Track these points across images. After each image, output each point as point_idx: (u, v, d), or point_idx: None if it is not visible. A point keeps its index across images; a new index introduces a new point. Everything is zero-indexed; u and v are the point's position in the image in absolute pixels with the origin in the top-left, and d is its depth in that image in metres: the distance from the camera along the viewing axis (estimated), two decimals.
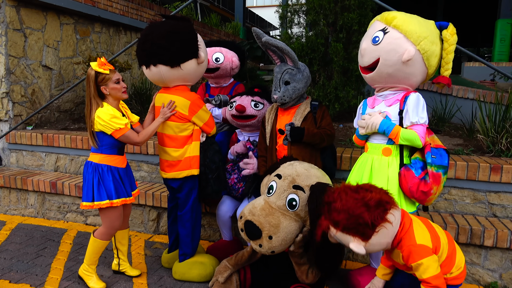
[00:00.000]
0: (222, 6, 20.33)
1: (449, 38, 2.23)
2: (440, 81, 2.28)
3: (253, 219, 2.27)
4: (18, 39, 4.45)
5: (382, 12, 2.42)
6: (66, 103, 5.19)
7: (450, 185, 2.98)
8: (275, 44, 2.53)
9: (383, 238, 1.84)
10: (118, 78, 2.47)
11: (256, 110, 2.94)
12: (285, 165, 2.42)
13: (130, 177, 2.69)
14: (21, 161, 4.41)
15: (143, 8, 6.64)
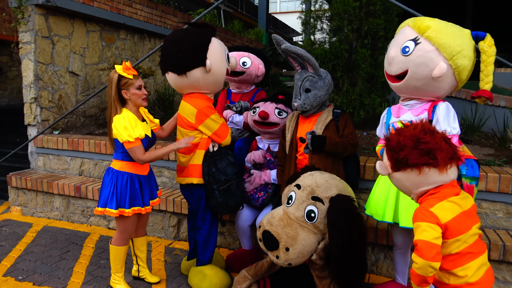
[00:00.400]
0: (246, 12, 20.44)
1: (487, 50, 2.09)
2: (481, 95, 2.12)
3: (271, 229, 2.22)
4: (46, 46, 4.57)
5: (409, 18, 2.32)
6: (91, 108, 5.30)
7: (480, 197, 2.84)
8: (294, 51, 2.49)
9: (406, 180, 1.69)
10: (140, 84, 2.47)
11: (280, 118, 2.89)
12: (305, 175, 2.36)
13: (151, 185, 2.68)
14: (48, 165, 4.52)
15: (167, 15, 6.73)
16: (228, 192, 2.62)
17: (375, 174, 3.03)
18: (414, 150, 1.61)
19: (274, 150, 2.99)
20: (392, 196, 2.31)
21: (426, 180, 1.65)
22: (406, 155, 1.61)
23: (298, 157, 2.68)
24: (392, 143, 1.67)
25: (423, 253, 1.58)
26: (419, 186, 1.69)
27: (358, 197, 3.16)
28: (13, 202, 4.42)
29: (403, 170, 1.65)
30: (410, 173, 1.65)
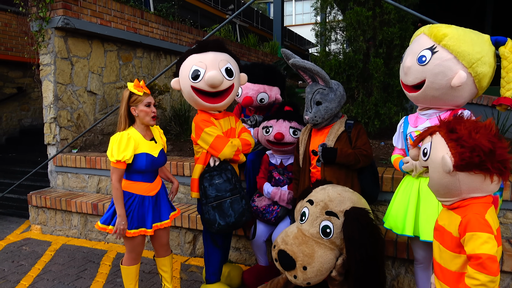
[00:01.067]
0: (261, 26, 20.65)
1: (508, 56, 2.00)
2: (503, 103, 2.03)
3: (286, 248, 2.16)
4: (66, 67, 4.70)
5: (425, 24, 2.25)
6: (109, 126, 5.39)
7: (506, 207, 2.71)
8: (303, 65, 2.46)
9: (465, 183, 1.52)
10: (149, 101, 2.46)
11: (294, 138, 2.85)
12: (317, 189, 2.30)
13: (160, 206, 2.59)
14: (67, 183, 4.60)
15: (182, 32, 6.85)
16: (219, 210, 2.54)
17: (394, 186, 2.93)
18: (491, 155, 1.48)
19: (286, 164, 2.95)
20: (412, 208, 2.22)
21: (486, 187, 1.54)
22: (484, 160, 1.47)
23: (312, 170, 2.63)
24: (466, 142, 1.49)
25: (488, 268, 1.43)
26: (474, 192, 1.56)
27: (376, 209, 3.07)
28: (33, 220, 4.50)
29: (469, 172, 1.51)
30: (474, 176, 1.52)
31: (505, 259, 2.46)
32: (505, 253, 2.47)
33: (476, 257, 1.44)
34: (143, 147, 2.44)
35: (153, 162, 2.48)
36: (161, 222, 2.57)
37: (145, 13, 5.89)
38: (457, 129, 1.53)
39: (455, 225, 1.56)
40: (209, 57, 2.57)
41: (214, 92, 2.59)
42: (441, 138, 1.56)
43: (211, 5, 17.42)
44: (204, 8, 16.96)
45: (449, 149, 1.52)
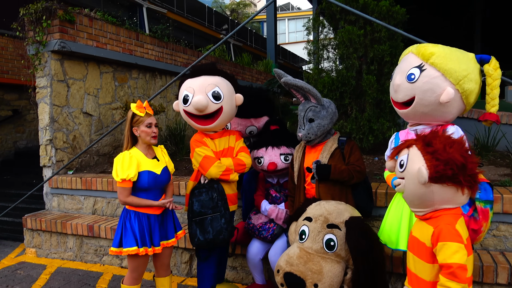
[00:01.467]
0: (255, 45, 20.95)
1: (492, 73, 2.08)
2: (488, 119, 2.10)
3: (292, 269, 2.12)
4: (62, 89, 4.75)
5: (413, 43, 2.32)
6: (104, 147, 5.41)
7: (498, 220, 2.74)
8: (294, 83, 2.52)
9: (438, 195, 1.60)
10: (150, 122, 2.54)
11: (286, 164, 2.89)
12: (311, 206, 2.33)
13: (167, 224, 2.63)
14: (62, 205, 4.59)
15: (177, 53, 6.95)
16: (200, 226, 2.63)
17: (387, 201, 2.96)
18: (463, 169, 1.56)
19: (282, 181, 3.00)
20: (405, 223, 2.25)
21: (457, 199, 1.63)
22: (457, 173, 1.56)
23: (306, 187, 2.66)
24: (441, 155, 1.58)
25: (459, 277, 1.51)
26: (446, 203, 1.64)
27: (371, 224, 3.09)
28: (28, 244, 4.46)
29: (443, 184, 1.59)
30: (447, 188, 1.60)
31: (499, 271, 2.48)
32: (499, 265, 2.49)
33: (448, 266, 1.52)
34: (145, 165, 2.51)
35: (156, 179, 2.53)
36: (168, 241, 2.61)
37: (140, 35, 5.99)
38: (433, 143, 1.61)
39: (428, 236, 1.63)
40: (198, 82, 2.72)
41: (204, 115, 2.72)
42: (418, 151, 1.64)
43: (205, 25, 17.69)
44: (198, 29, 17.22)
45: (425, 162, 1.60)
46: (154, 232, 2.53)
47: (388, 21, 4.37)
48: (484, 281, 2.54)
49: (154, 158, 2.60)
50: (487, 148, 4.36)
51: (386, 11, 4.38)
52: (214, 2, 35.40)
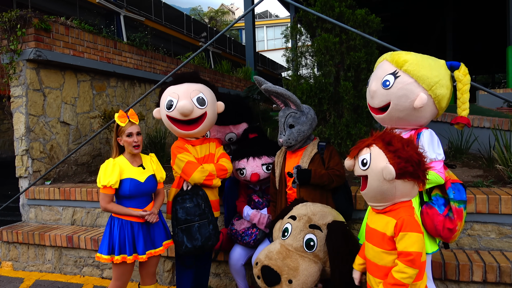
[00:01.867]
0: (234, 52, 21.05)
1: (462, 79, 2.18)
2: (460, 122, 2.20)
3: (270, 263, 2.18)
4: (38, 99, 4.67)
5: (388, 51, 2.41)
6: (83, 156, 5.33)
7: (472, 220, 2.85)
8: (275, 90, 2.57)
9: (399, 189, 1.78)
10: (130, 132, 2.53)
11: (268, 173, 2.92)
12: (297, 206, 2.39)
13: (154, 233, 2.60)
14: (40, 216, 4.48)
15: (156, 61, 6.93)
16: (187, 233, 2.63)
17: (366, 204, 3.03)
18: (420, 166, 1.75)
19: (264, 187, 3.03)
20: None
21: (413, 192, 1.82)
22: (410, 168, 1.73)
23: (288, 191, 2.70)
24: (402, 154, 1.74)
25: (417, 264, 1.70)
26: (404, 196, 1.82)
27: (351, 227, 3.15)
28: (4, 257, 4.33)
29: (404, 179, 1.75)
30: (407, 183, 1.77)
31: (475, 269, 2.58)
32: (474, 264, 2.59)
33: (408, 254, 1.71)
34: (128, 172, 2.52)
35: (138, 187, 2.52)
36: (155, 249, 2.59)
37: (118, 43, 5.95)
38: (393, 142, 1.77)
39: (391, 226, 1.79)
40: (182, 88, 2.77)
41: (188, 120, 2.73)
42: (380, 150, 1.79)
43: (184, 33, 17.68)
44: (177, 36, 17.19)
45: (388, 160, 1.74)
46: (138, 240, 2.50)
47: (364, 29, 4.50)
48: (460, 279, 2.63)
49: (140, 166, 2.59)
50: (461, 150, 4.51)
51: (362, 20, 4.51)
52: (193, 10, 35.38)
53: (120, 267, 2.49)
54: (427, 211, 2.16)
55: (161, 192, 2.72)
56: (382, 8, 12.86)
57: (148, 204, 2.60)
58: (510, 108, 7.25)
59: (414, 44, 17.95)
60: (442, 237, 2.16)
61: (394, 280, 1.72)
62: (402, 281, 1.70)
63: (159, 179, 2.69)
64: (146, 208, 2.56)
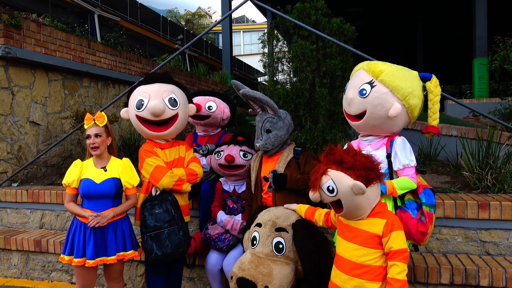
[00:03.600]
0: (211, 55, 20.99)
1: (434, 90, 2.29)
2: (430, 131, 2.32)
3: (244, 274, 2.20)
4: (6, 97, 4.50)
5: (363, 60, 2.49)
6: (53, 158, 5.17)
7: (440, 224, 2.95)
8: (253, 95, 2.60)
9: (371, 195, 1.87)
10: (88, 133, 2.52)
11: (245, 160, 2.94)
12: (261, 213, 2.44)
13: (107, 239, 2.48)
14: (5, 219, 4.30)
15: (131, 62, 6.83)
16: (156, 240, 2.54)
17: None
18: (371, 169, 1.85)
19: (239, 191, 3.02)
20: None
21: (378, 193, 1.94)
22: (371, 173, 1.84)
23: (263, 195, 2.72)
24: (358, 165, 1.84)
25: (407, 259, 1.83)
26: (377, 198, 1.94)
27: (325, 231, 3.20)
28: None
29: (370, 185, 1.85)
30: (374, 187, 1.88)
31: (443, 272, 2.67)
32: (442, 266, 2.68)
33: (403, 251, 1.83)
34: (87, 173, 2.51)
35: (92, 188, 2.46)
36: (107, 258, 2.48)
37: (92, 42, 5.83)
38: (344, 159, 1.85)
39: (380, 226, 1.88)
40: (154, 88, 2.70)
41: (159, 121, 2.67)
42: (338, 171, 1.86)
43: (160, 35, 17.50)
44: (153, 38, 16.99)
45: (350, 177, 1.82)
46: (88, 244, 2.42)
47: (339, 38, 4.60)
48: (429, 281, 2.71)
49: (102, 168, 2.54)
50: (430, 157, 4.68)
51: (337, 28, 4.61)
52: (169, 12, 35.06)
53: (76, 269, 2.48)
54: (401, 215, 2.23)
55: (131, 198, 2.62)
56: (355, 18, 13.19)
57: (108, 208, 2.50)
58: (476, 117, 7.57)
59: (385, 54, 18.51)
60: (414, 240, 2.24)
61: (400, 282, 1.80)
62: (405, 279, 1.81)
63: (125, 184, 2.56)
64: (105, 212, 2.47)
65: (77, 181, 2.48)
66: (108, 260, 2.47)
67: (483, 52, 8.95)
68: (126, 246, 2.56)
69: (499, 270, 2.59)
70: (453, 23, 14.59)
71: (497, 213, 2.82)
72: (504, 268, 2.61)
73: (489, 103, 8.51)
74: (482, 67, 9.27)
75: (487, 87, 9.63)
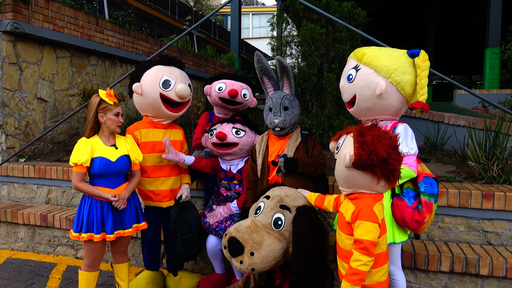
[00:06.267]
0: (219, 38, 20.80)
1: (421, 65, 2.26)
2: (416, 106, 2.28)
3: (237, 235, 2.26)
4: (14, 73, 4.51)
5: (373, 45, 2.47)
6: (60, 135, 5.20)
7: (443, 213, 2.96)
8: (286, 65, 2.58)
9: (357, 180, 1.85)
10: (118, 112, 2.55)
11: (238, 137, 2.85)
12: (274, 188, 2.46)
13: (123, 214, 2.56)
14: (13, 194, 4.37)
15: (139, 41, 6.79)
16: (189, 243, 2.82)
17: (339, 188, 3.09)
18: (384, 163, 1.77)
19: (234, 171, 2.94)
20: None
21: (373, 187, 1.88)
22: (375, 164, 1.77)
23: (270, 179, 2.71)
24: (367, 147, 1.78)
25: (370, 251, 1.79)
26: (363, 188, 1.89)
27: (328, 216, 3.22)
28: None
29: (362, 171, 1.82)
30: (365, 175, 1.83)
31: (443, 260, 2.69)
32: (443, 254, 2.70)
33: (360, 242, 1.81)
34: (100, 151, 2.49)
35: (108, 166, 2.48)
36: (124, 230, 2.56)
37: (100, 20, 5.79)
38: (365, 134, 1.83)
39: (350, 213, 1.90)
40: (178, 72, 2.90)
41: (177, 103, 2.87)
42: (351, 138, 1.87)
43: (168, 15, 17.33)
44: (161, 18, 16.84)
45: (353, 149, 1.82)
46: (107, 220, 2.48)
47: (349, 22, 4.54)
48: (429, 269, 2.74)
49: (113, 146, 2.56)
50: (436, 146, 4.65)
51: (348, 12, 4.54)
52: None
53: (88, 245, 2.50)
54: (397, 203, 2.24)
55: (137, 174, 2.68)
56: (367, 2, 12.94)
57: (121, 184, 2.56)
58: (485, 108, 7.49)
59: (397, 41, 18.20)
60: (410, 228, 2.25)
61: (352, 270, 1.82)
62: (358, 269, 1.79)
63: (134, 160, 2.64)
64: (119, 187, 2.53)
65: (89, 160, 2.47)
66: (126, 233, 2.57)
67: (496, 41, 8.78)
68: (138, 218, 2.66)
69: (500, 260, 2.60)
70: (466, 12, 14.29)
71: (501, 204, 2.82)
72: (505, 258, 2.62)
73: (500, 94, 8.39)
74: (494, 57, 9.12)
75: (498, 78, 9.48)
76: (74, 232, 2.45)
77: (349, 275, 1.82)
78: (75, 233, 2.45)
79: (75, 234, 2.45)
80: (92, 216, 2.46)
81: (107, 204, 2.49)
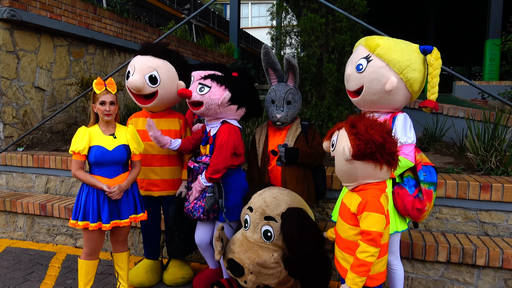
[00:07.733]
0: (218, 27, 20.65)
1: (433, 63, 2.22)
2: (427, 105, 2.26)
3: (233, 256, 2.30)
4: (11, 61, 4.47)
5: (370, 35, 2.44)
6: (58, 124, 5.19)
7: (441, 203, 2.97)
8: (294, 63, 2.57)
9: (361, 170, 1.86)
10: (103, 100, 2.47)
11: (200, 95, 2.54)
12: (255, 195, 2.44)
13: (120, 204, 2.55)
14: (11, 183, 4.37)
15: (137, 30, 6.73)
16: (187, 240, 2.88)
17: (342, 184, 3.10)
18: (382, 148, 1.79)
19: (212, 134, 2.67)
20: None
21: (377, 174, 1.88)
22: (374, 151, 1.78)
23: (270, 169, 2.71)
24: (363, 136, 1.79)
25: (377, 242, 1.80)
26: (368, 178, 1.90)
27: (326, 206, 3.24)
28: None
29: (363, 161, 1.82)
30: (367, 164, 1.84)
31: (440, 250, 2.71)
32: (440, 245, 2.72)
33: (368, 233, 1.81)
34: (97, 140, 2.49)
35: (104, 154, 2.47)
36: (120, 221, 2.56)
37: (98, 8, 5.73)
38: (357, 125, 1.84)
39: (356, 204, 1.89)
40: (140, 62, 2.73)
41: (141, 94, 2.74)
42: (345, 132, 1.88)
43: (166, 4, 17.18)
44: (160, 6, 16.70)
45: (349, 141, 1.83)
46: (103, 209, 2.48)
47: (350, 12, 4.50)
48: (426, 259, 2.76)
49: (111, 135, 2.55)
50: (435, 138, 4.66)
51: (348, 2, 4.50)
52: None
53: (86, 233, 2.51)
54: (398, 192, 2.25)
55: (137, 165, 2.66)
56: None
57: (120, 174, 2.54)
58: (484, 100, 7.48)
59: (397, 31, 18.08)
60: (411, 217, 2.26)
61: (359, 261, 1.82)
62: (366, 260, 1.80)
63: (134, 151, 2.61)
64: (117, 177, 2.52)
65: (87, 149, 2.48)
66: (122, 223, 2.56)
67: (497, 32, 8.74)
68: (137, 209, 2.64)
69: (497, 250, 2.63)
70: (467, 3, 14.19)
71: (498, 195, 2.83)
72: (501, 248, 2.64)
73: (499, 85, 8.38)
74: (494, 49, 9.08)
75: (498, 69, 9.46)
76: (72, 219, 2.48)
77: (356, 266, 1.82)
78: (73, 220, 2.48)
79: (72, 221, 2.48)
80: (88, 205, 2.47)
81: (103, 194, 2.49)
